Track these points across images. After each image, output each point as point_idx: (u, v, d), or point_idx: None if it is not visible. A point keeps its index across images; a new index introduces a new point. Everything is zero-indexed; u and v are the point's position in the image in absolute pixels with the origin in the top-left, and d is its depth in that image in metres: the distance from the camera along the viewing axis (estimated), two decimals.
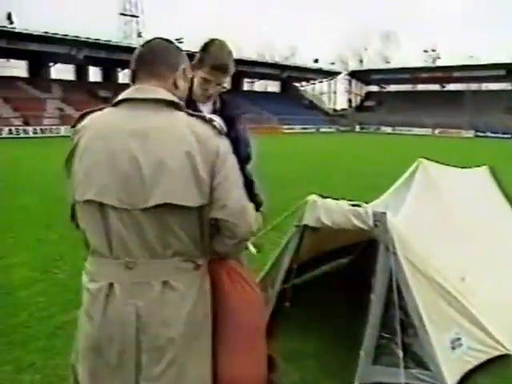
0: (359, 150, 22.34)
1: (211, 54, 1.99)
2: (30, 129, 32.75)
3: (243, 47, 50.91)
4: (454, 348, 2.60)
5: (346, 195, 2.85)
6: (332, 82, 61.96)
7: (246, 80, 57.12)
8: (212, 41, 2.03)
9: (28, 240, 5.51)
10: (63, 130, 34.56)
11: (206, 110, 2.10)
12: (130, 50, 42.14)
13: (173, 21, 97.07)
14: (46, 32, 36.06)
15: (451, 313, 2.61)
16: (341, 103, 64.46)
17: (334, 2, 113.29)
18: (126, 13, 61.08)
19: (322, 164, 15.09)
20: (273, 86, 63.35)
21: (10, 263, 4.63)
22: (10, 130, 31.53)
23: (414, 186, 3.06)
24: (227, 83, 2.12)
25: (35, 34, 35.38)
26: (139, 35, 57.15)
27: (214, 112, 2.12)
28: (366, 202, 2.85)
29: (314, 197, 2.92)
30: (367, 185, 9.85)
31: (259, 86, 62.77)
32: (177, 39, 48.46)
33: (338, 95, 64.42)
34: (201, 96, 2.08)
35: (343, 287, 3.71)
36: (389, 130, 49.00)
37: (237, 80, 49.47)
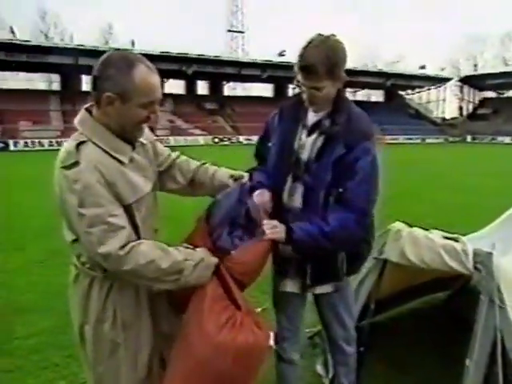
0: (470, 163, 20.09)
1: (300, 54, 1.72)
2: None
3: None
4: None
5: (448, 215, 2.29)
6: (441, 89, 57.58)
7: (348, 90, 55.83)
8: (311, 39, 1.73)
9: None
10: (172, 140, 37.25)
11: (312, 120, 1.84)
12: (234, 63, 44.68)
13: (276, 34, 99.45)
14: (162, 52, 39.43)
15: None
16: (450, 112, 59.62)
17: (445, 6, 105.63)
18: (232, 29, 64.13)
19: (424, 177, 13.79)
20: (376, 96, 61.02)
21: None
22: None
23: None
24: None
25: (153, 54, 38.84)
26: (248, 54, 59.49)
27: (319, 122, 1.83)
28: (472, 231, 2.25)
29: (397, 225, 2.43)
30: (476, 204, 8.65)
31: (362, 95, 60.91)
32: (279, 52, 49.50)
33: (447, 103, 59.69)
34: (307, 103, 1.82)
35: (433, 329, 3.09)
36: (507, 140, 43.72)
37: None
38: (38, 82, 45.59)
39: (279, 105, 2.01)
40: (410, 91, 57.39)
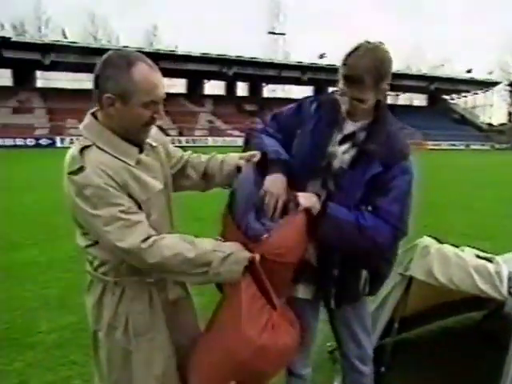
0: None
1: (345, 61, 1.62)
2: (183, 139, 36.37)
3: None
4: None
5: (490, 226, 2.10)
6: (488, 93, 55.03)
7: (390, 93, 54.45)
8: (358, 46, 1.62)
9: None
10: (211, 140, 37.81)
11: (349, 129, 1.73)
12: (274, 65, 44.74)
13: (317, 36, 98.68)
14: (203, 53, 40.15)
15: None
16: (498, 117, 56.86)
17: (493, 7, 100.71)
18: (273, 31, 64.18)
19: (468, 185, 13.16)
20: (419, 100, 59.23)
21: None
22: None
23: None
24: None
25: (194, 55, 39.61)
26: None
27: (352, 134, 1.72)
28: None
29: (425, 240, 2.27)
30: None
31: (404, 99, 59.33)
32: (320, 55, 49.03)
33: (494, 108, 57.00)
34: (346, 114, 1.70)
35: (463, 350, 2.89)
36: None
37: None
38: (85, 81, 47.54)
39: (317, 97, 1.88)
40: (455, 95, 55.28)
